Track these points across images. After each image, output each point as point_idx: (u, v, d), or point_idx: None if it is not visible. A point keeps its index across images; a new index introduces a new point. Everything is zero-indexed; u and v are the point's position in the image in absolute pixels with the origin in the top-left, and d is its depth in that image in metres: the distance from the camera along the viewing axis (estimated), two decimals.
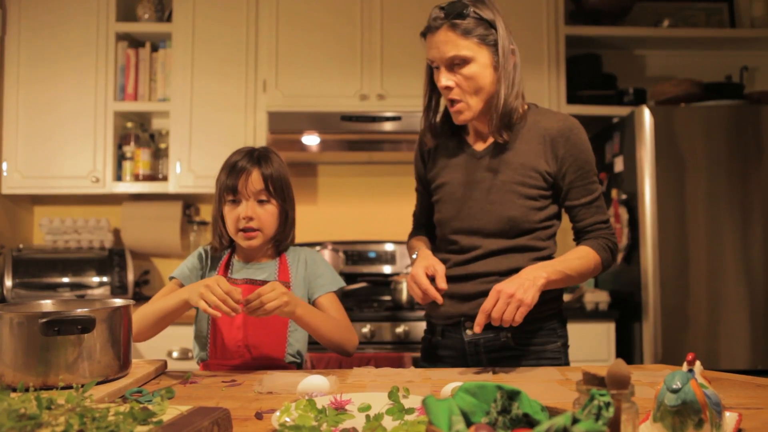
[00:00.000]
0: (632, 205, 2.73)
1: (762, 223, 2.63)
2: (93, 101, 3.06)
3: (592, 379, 0.78)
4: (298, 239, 1.70)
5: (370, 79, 3.02)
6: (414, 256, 1.59)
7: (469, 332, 1.53)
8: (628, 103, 3.09)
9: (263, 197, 1.55)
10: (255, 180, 1.54)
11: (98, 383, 1.18)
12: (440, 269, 1.47)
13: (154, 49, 3.17)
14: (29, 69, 3.06)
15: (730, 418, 0.92)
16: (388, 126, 2.94)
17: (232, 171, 1.55)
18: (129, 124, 3.21)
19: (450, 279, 1.49)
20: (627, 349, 2.77)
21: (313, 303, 1.60)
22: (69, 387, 1.01)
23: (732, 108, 2.71)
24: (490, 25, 1.47)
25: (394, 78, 3.02)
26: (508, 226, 1.51)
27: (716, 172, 2.64)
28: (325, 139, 3.02)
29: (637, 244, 2.69)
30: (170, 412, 0.89)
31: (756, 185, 2.63)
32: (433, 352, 1.63)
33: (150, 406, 0.89)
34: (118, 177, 3.13)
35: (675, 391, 0.83)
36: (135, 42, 3.20)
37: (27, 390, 0.95)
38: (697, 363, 0.91)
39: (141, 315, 1.47)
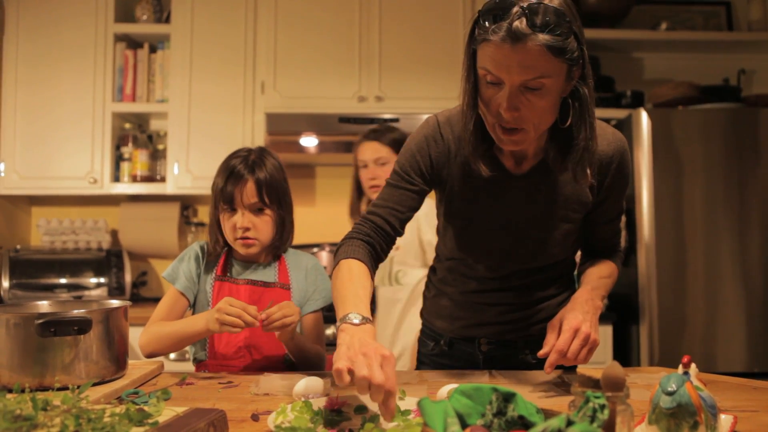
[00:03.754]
0: (630, 208, 2.73)
1: (759, 225, 2.63)
2: (91, 102, 3.06)
3: (588, 382, 0.78)
4: (296, 241, 1.69)
5: (369, 80, 3.02)
6: (354, 320, 1.04)
7: (483, 348, 1.48)
8: (626, 106, 3.10)
9: (259, 206, 1.54)
10: (249, 190, 1.52)
11: (94, 384, 1.18)
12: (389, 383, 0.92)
13: (153, 50, 3.17)
14: (27, 70, 3.06)
15: (725, 420, 0.92)
16: None
17: (229, 178, 1.52)
18: (127, 125, 3.21)
19: (467, 305, 1.45)
20: (624, 351, 2.77)
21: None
22: (65, 388, 1.01)
23: (729, 111, 2.71)
24: (576, 38, 1.09)
25: (392, 80, 3.02)
26: (543, 264, 1.40)
27: (713, 175, 2.64)
28: (323, 140, 3.02)
29: (634, 247, 2.70)
30: (166, 413, 0.89)
31: (753, 188, 2.64)
32: (435, 360, 1.54)
33: (146, 408, 0.89)
34: (116, 178, 3.13)
35: (670, 394, 0.83)
36: (133, 43, 3.20)
37: (23, 391, 0.95)
38: (693, 365, 0.91)
39: (156, 337, 1.45)
